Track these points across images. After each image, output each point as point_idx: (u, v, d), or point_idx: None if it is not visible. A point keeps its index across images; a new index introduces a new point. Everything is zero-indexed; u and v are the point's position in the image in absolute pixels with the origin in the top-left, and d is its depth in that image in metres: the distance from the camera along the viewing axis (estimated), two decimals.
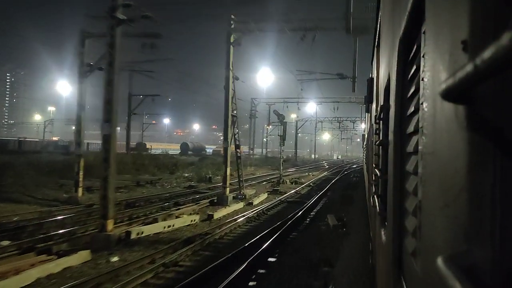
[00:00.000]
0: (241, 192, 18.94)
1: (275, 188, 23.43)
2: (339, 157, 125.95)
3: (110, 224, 10.24)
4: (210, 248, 10.21)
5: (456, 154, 0.63)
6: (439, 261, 0.59)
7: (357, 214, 14.06)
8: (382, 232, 2.35)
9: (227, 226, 12.36)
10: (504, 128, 0.48)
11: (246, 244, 9.79)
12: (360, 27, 15.45)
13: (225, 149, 18.12)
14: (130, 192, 20.51)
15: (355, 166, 62.82)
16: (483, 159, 0.53)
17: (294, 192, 22.36)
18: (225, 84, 17.88)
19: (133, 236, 10.59)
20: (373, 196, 3.50)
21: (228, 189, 17.44)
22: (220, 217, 14.27)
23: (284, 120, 26.26)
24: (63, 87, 72.55)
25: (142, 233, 10.97)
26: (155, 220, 12.66)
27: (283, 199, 19.37)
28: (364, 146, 19.19)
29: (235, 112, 18.65)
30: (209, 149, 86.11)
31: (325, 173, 41.97)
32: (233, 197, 17.89)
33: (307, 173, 38.40)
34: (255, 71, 50.87)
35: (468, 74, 0.47)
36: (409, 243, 1.26)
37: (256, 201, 17.76)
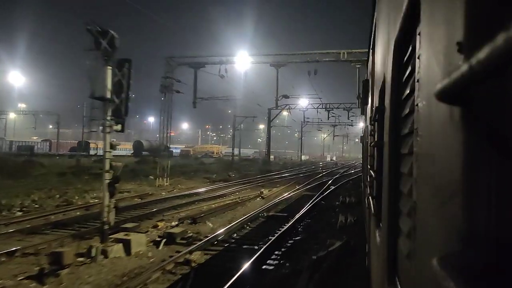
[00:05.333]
0: None
1: None
2: (334, 158, 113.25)
3: None
4: None
5: (451, 155, 0.63)
6: (434, 262, 0.59)
7: None
8: (377, 233, 2.35)
9: None
10: (500, 129, 0.49)
11: None
12: None
13: None
14: None
15: (352, 171, 42.95)
16: (479, 160, 0.53)
17: None
18: None
19: None
20: (368, 197, 3.51)
21: None
22: None
23: (125, 57, 8.66)
24: (16, 77, 62.04)
25: None
26: None
27: None
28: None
29: None
30: (177, 149, 77.81)
31: (297, 188, 22.00)
32: None
33: (263, 189, 19.96)
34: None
35: (463, 75, 0.47)
36: (404, 244, 1.26)
37: None
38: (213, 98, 31.57)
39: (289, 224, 11.30)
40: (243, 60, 25.71)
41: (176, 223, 11.58)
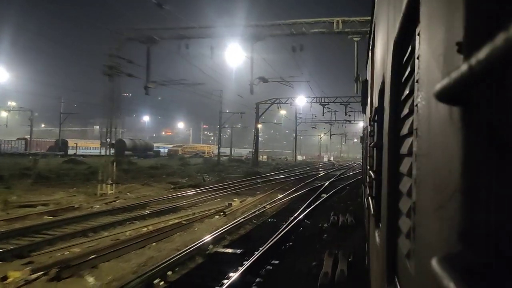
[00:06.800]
0: None
1: None
2: (331, 159, 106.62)
3: None
4: None
5: (451, 155, 0.63)
6: (434, 262, 0.59)
7: None
8: (376, 234, 2.36)
9: None
10: (499, 129, 0.49)
11: None
12: None
13: None
14: None
15: (350, 173, 35.87)
16: (478, 160, 0.53)
17: None
18: None
19: None
20: (368, 198, 3.52)
21: None
22: None
23: None
24: None
25: None
26: None
27: None
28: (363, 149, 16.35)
29: None
30: (165, 148, 75.03)
31: (279, 198, 16.57)
32: None
33: (236, 199, 15.89)
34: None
35: (463, 75, 0.47)
36: (403, 244, 1.26)
37: None
38: (170, 82, 24.23)
39: (237, 274, 6.37)
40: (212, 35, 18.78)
41: (37, 274, 6.32)
